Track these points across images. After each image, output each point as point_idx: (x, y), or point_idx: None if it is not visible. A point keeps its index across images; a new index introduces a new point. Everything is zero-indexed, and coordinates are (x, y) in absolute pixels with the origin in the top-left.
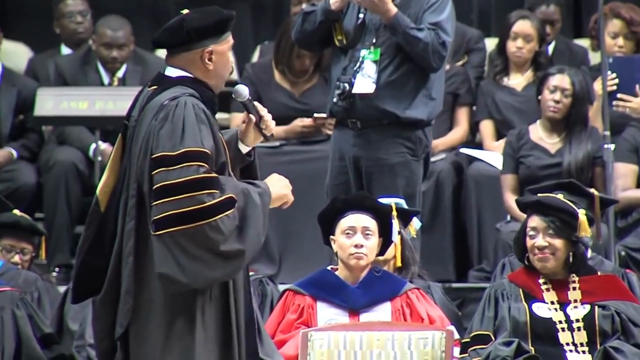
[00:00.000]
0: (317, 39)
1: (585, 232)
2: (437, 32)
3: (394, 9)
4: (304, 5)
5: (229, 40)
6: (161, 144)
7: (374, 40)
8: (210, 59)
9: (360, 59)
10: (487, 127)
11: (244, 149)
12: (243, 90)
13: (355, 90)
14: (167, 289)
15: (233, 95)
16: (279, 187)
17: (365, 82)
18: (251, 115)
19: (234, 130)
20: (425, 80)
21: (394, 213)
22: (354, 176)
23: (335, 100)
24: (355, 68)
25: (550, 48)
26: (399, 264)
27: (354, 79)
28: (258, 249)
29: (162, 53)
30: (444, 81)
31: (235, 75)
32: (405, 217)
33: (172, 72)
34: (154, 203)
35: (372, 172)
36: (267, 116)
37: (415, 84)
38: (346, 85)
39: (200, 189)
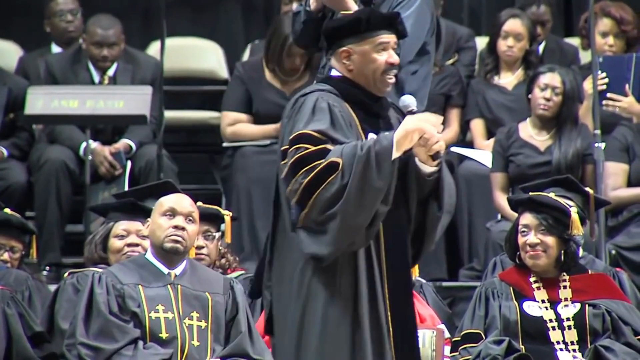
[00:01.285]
0: (309, 38)
1: (578, 230)
2: None
3: (354, 8)
4: (294, 5)
5: (373, 40)
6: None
7: None
8: (348, 59)
9: None
10: (477, 126)
11: (425, 168)
12: (408, 100)
13: None
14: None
15: (399, 105)
16: (406, 124)
17: None
18: None
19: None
20: (400, 82)
21: None
22: None
23: None
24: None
25: (541, 47)
26: None
27: None
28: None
29: (153, 52)
30: (426, 83)
31: (225, 74)
32: None
33: (333, 71)
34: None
35: None
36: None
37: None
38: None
39: (297, 172)
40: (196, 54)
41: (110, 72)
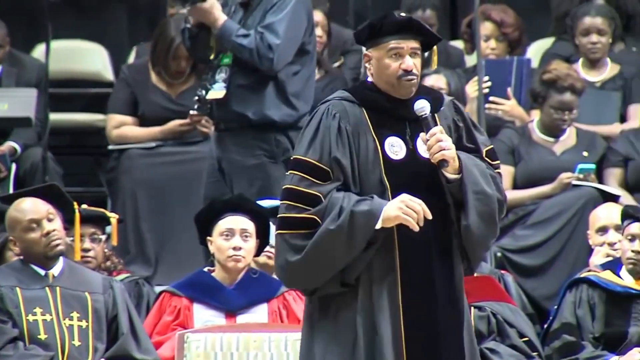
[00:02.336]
0: (201, 50)
1: None
2: (264, 35)
3: (221, 19)
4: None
5: (385, 45)
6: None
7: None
8: (369, 63)
9: (218, 65)
10: None
11: (446, 174)
12: (420, 104)
13: (208, 97)
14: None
15: (414, 108)
16: (387, 211)
17: (218, 87)
18: (422, 133)
19: None
20: (281, 83)
21: None
22: (221, 177)
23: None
24: (211, 74)
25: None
26: None
27: (210, 85)
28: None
29: (38, 54)
30: (311, 83)
31: (111, 76)
32: None
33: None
34: None
35: (231, 174)
36: (432, 140)
37: (269, 87)
38: (203, 92)
39: (286, 199)
40: (81, 57)
41: None
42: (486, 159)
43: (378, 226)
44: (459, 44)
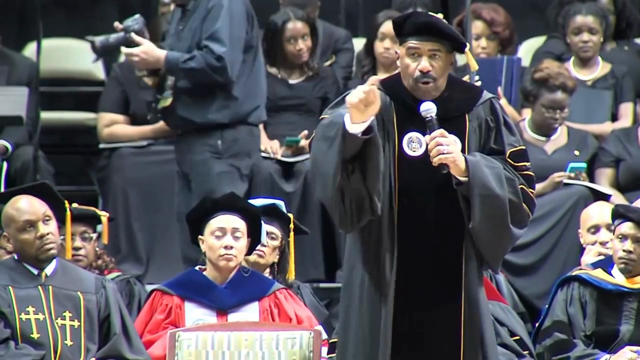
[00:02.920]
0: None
1: None
2: (210, 49)
3: (162, 55)
4: (172, 7)
5: (405, 45)
6: None
7: None
8: (398, 58)
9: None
10: None
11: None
12: (425, 107)
13: (159, 105)
14: None
15: (420, 109)
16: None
17: (166, 94)
18: (427, 136)
19: None
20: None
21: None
22: (185, 182)
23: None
24: (160, 83)
25: None
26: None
27: (160, 94)
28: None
29: (29, 53)
30: (258, 76)
31: (102, 75)
32: (284, 220)
33: None
34: None
35: (188, 174)
36: (432, 144)
37: (211, 89)
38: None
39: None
40: (72, 55)
41: None
42: (509, 160)
43: (350, 126)
44: None
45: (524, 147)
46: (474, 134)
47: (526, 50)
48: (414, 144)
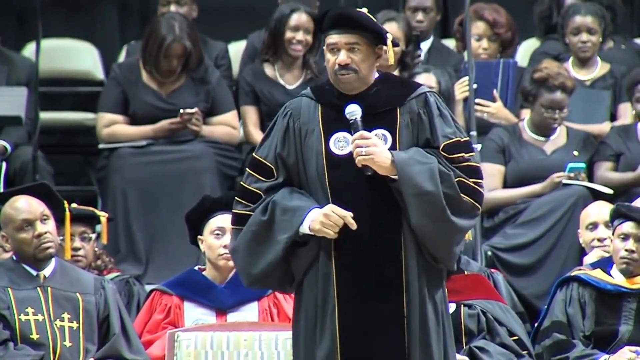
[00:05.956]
0: None
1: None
2: None
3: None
4: (172, 7)
5: (325, 40)
6: None
7: None
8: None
9: None
10: None
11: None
12: (350, 109)
13: None
14: None
15: (345, 111)
16: (314, 218)
17: None
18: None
19: None
20: None
21: None
22: None
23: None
24: None
25: (426, 47)
26: None
27: None
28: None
29: (28, 53)
30: None
31: (101, 75)
32: None
33: None
34: None
35: None
36: (352, 146)
37: None
38: None
39: (236, 195)
40: (72, 55)
41: None
42: (442, 152)
43: (304, 230)
44: (449, 43)
45: (462, 139)
46: (405, 128)
47: (524, 50)
48: (340, 143)
